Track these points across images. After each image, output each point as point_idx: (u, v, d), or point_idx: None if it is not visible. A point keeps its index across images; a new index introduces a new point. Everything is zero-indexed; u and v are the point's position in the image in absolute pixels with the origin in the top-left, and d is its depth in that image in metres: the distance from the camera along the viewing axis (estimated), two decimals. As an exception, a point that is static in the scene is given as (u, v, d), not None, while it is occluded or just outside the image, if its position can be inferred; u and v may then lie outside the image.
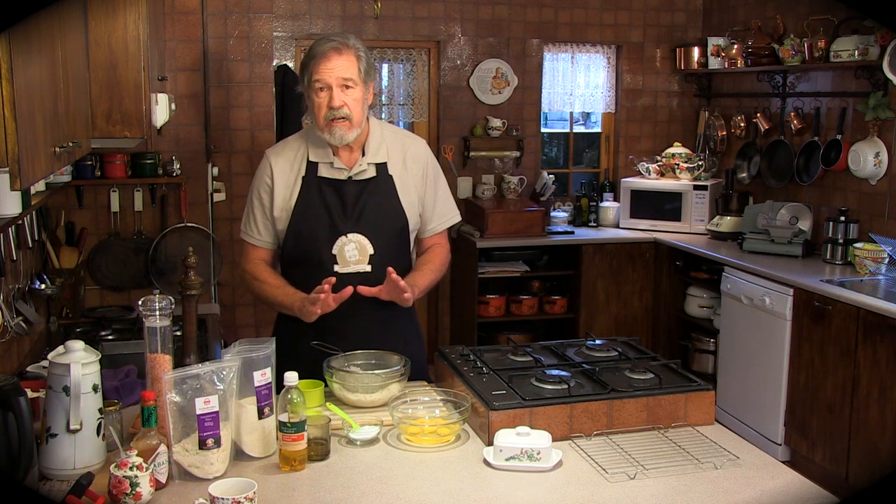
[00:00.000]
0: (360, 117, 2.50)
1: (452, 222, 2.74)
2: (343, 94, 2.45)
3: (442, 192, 2.70)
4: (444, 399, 2.37)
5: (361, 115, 2.50)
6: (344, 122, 2.46)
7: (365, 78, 2.49)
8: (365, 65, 2.49)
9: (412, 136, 2.75)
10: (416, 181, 2.63)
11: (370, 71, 2.51)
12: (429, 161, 2.67)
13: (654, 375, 2.36)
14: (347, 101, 2.46)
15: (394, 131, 2.70)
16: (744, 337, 4.64)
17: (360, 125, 2.51)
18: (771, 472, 2.05)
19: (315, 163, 2.56)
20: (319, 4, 5.25)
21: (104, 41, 2.68)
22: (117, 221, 3.97)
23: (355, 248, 2.53)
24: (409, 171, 2.62)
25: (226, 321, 4.64)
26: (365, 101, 2.51)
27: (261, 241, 2.64)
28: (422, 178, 2.64)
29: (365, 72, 2.49)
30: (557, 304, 5.52)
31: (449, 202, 2.73)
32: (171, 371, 2.05)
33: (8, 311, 2.70)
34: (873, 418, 3.80)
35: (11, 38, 1.63)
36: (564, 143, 6.33)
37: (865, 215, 4.61)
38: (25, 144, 1.74)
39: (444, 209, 2.71)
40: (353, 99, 2.46)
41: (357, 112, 2.48)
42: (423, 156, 2.66)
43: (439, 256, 2.71)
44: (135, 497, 1.78)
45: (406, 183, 2.60)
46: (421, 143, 2.70)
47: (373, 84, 2.56)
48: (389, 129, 2.69)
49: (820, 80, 4.96)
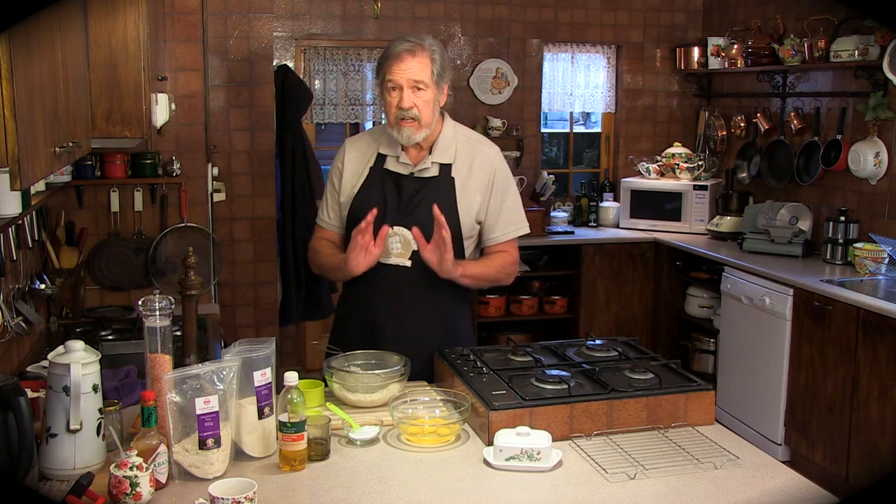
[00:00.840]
0: (430, 119, 2.55)
1: (517, 234, 2.68)
2: (413, 95, 2.51)
3: (510, 201, 2.66)
4: (444, 399, 2.37)
5: (431, 116, 2.55)
6: (413, 122, 2.52)
7: (437, 80, 2.55)
8: (439, 67, 2.55)
9: (486, 141, 2.72)
10: (481, 187, 2.62)
11: (444, 73, 2.58)
12: (498, 168, 2.64)
13: (654, 375, 2.36)
14: (417, 102, 2.51)
15: (468, 135, 2.71)
16: (744, 337, 4.64)
17: (428, 126, 2.56)
18: (771, 472, 2.05)
19: (384, 155, 2.63)
20: (319, 4, 5.24)
21: (104, 41, 2.68)
22: (117, 221, 3.96)
23: (398, 242, 2.57)
24: (474, 176, 2.61)
25: (226, 321, 4.64)
26: (436, 103, 2.57)
27: (327, 224, 2.73)
28: (487, 185, 2.62)
29: (438, 74, 2.55)
30: (557, 304, 5.52)
31: (516, 213, 2.67)
32: (171, 371, 2.05)
33: (8, 311, 2.70)
34: (873, 418, 3.80)
35: (11, 38, 1.63)
36: (564, 143, 6.33)
37: (865, 215, 4.61)
38: (25, 144, 1.74)
39: (508, 219, 2.66)
40: (423, 101, 2.52)
41: (426, 114, 2.54)
42: (491, 162, 2.63)
43: (500, 259, 2.67)
44: (135, 497, 1.78)
45: (467, 187, 2.60)
46: (492, 150, 2.67)
47: (447, 86, 2.62)
48: (464, 132, 2.70)
49: (820, 80, 4.96)
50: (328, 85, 5.39)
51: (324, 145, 5.78)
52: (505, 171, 2.66)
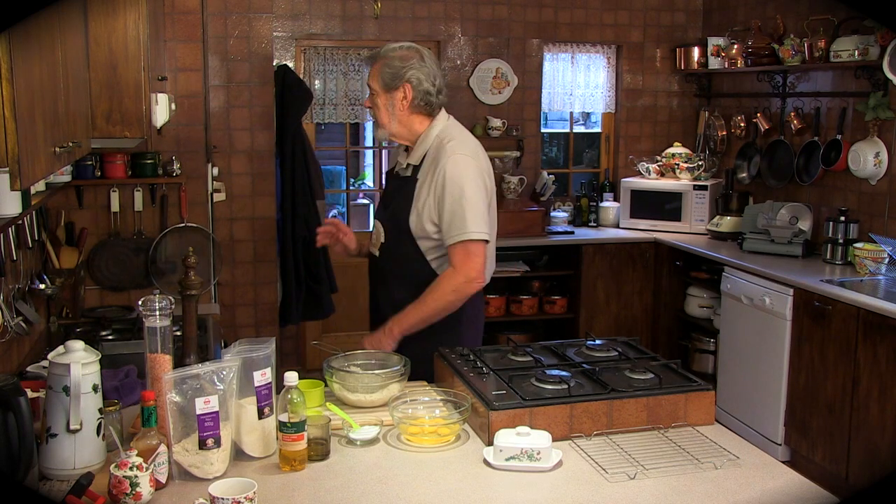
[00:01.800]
0: (385, 120, 2.73)
1: (457, 240, 2.62)
2: (371, 99, 2.77)
3: (449, 207, 2.62)
4: (444, 399, 2.37)
5: (385, 118, 2.73)
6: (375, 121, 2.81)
7: (386, 87, 2.70)
8: (388, 76, 2.68)
9: (457, 148, 2.68)
10: (432, 190, 2.66)
11: (394, 81, 2.68)
12: (444, 174, 2.63)
13: (654, 375, 2.36)
14: (372, 104, 2.76)
15: (451, 138, 2.72)
16: (744, 337, 4.64)
17: (386, 127, 2.75)
18: (771, 472, 2.05)
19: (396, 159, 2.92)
20: (319, 4, 5.25)
21: (104, 41, 2.68)
22: (117, 221, 3.97)
23: (375, 233, 2.85)
24: (432, 180, 2.67)
25: (226, 321, 4.64)
26: (389, 107, 2.72)
27: None
28: (437, 189, 2.65)
29: (385, 83, 2.69)
30: (557, 304, 5.52)
31: (459, 218, 2.61)
32: (171, 371, 2.06)
33: (8, 311, 2.70)
34: (873, 418, 3.80)
35: (11, 38, 1.63)
36: (564, 143, 6.33)
37: (865, 215, 4.61)
38: (25, 144, 1.74)
39: (449, 223, 2.63)
40: (374, 104, 2.75)
41: (381, 116, 2.74)
42: (442, 167, 2.64)
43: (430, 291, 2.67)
44: (135, 497, 1.78)
45: (423, 189, 2.69)
46: (452, 157, 2.65)
47: (400, 90, 2.69)
48: (446, 137, 2.72)
49: (820, 80, 4.96)
50: (328, 85, 5.39)
51: (324, 145, 5.79)
52: (451, 177, 2.62)
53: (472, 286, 2.67)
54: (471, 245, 2.62)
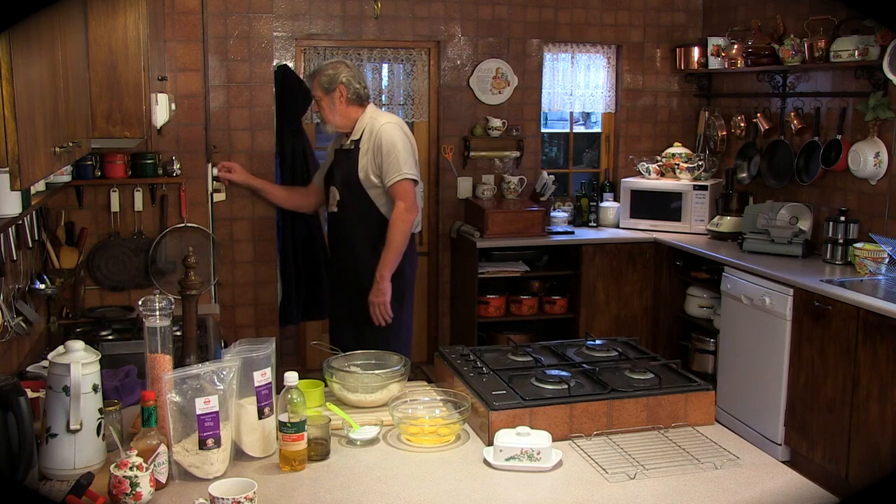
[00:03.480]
0: (329, 117, 3.88)
1: (392, 180, 3.71)
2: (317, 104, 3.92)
3: (386, 158, 3.71)
4: (444, 399, 2.37)
5: (330, 115, 3.87)
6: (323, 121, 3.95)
7: (325, 92, 3.84)
8: (326, 84, 3.83)
9: (382, 119, 3.82)
10: (370, 151, 3.76)
11: (332, 83, 3.83)
12: (379, 135, 3.74)
13: (654, 375, 2.37)
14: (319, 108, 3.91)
15: (377, 117, 3.84)
16: (744, 337, 4.64)
17: (331, 121, 3.89)
18: (771, 472, 2.05)
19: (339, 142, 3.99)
20: (319, 4, 5.24)
21: (104, 41, 2.68)
22: (117, 221, 3.96)
23: (332, 196, 3.95)
24: (368, 144, 3.77)
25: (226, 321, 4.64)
26: (330, 106, 3.86)
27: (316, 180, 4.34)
28: (373, 148, 3.75)
29: (324, 88, 3.84)
30: (557, 304, 5.52)
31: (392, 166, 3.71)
32: (171, 371, 2.06)
33: (8, 311, 2.70)
34: (873, 418, 3.80)
35: (11, 38, 1.63)
36: (564, 143, 6.33)
37: (865, 215, 4.61)
38: (25, 144, 1.74)
39: (386, 170, 3.73)
40: (320, 107, 3.89)
41: (325, 114, 3.89)
42: (375, 133, 3.76)
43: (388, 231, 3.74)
44: (135, 497, 1.78)
45: (364, 153, 3.78)
46: (384, 125, 3.77)
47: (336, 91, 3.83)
48: (377, 117, 3.84)
49: (820, 80, 4.96)
50: (328, 85, 5.38)
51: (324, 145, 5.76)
52: (385, 137, 3.72)
53: (411, 214, 3.74)
54: (404, 183, 3.72)
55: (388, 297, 3.75)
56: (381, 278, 3.72)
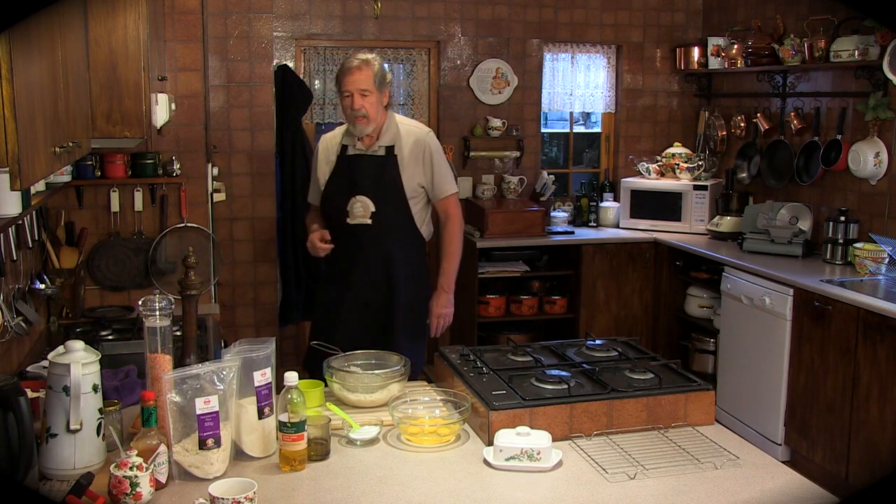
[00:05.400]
0: (375, 114, 3.37)
1: (447, 193, 3.51)
2: (361, 99, 3.33)
3: (438, 168, 3.47)
4: (444, 399, 2.37)
5: (376, 113, 3.37)
6: (363, 119, 3.36)
7: (378, 87, 3.37)
8: (379, 77, 3.37)
9: (420, 127, 3.56)
10: (417, 160, 3.44)
11: (384, 81, 3.40)
12: (428, 145, 3.46)
13: (654, 375, 2.37)
14: (365, 104, 3.34)
15: (406, 123, 3.53)
16: (744, 337, 4.64)
17: (375, 121, 3.38)
18: (771, 472, 2.05)
19: (346, 145, 3.48)
20: (319, 4, 5.24)
21: (104, 41, 2.68)
22: (117, 221, 3.96)
23: (361, 207, 3.40)
24: (412, 153, 3.43)
25: (226, 321, 4.64)
26: (380, 103, 3.39)
27: (313, 199, 3.64)
28: (421, 158, 3.44)
29: (378, 83, 3.37)
30: (557, 304, 5.52)
31: (446, 178, 3.51)
32: (171, 371, 2.06)
33: (8, 311, 2.70)
34: (873, 418, 3.80)
35: (11, 38, 1.63)
36: (564, 143, 6.33)
37: (865, 215, 4.61)
38: (25, 144, 1.74)
39: (440, 182, 3.50)
40: (369, 102, 3.34)
41: (372, 112, 3.35)
42: (422, 142, 3.46)
43: (447, 238, 3.56)
44: (135, 497, 1.78)
45: (406, 162, 3.43)
46: (424, 132, 3.50)
47: (388, 89, 3.46)
48: (405, 122, 3.53)
49: (820, 80, 4.96)
50: (328, 85, 5.38)
51: (324, 145, 5.78)
52: (434, 146, 3.47)
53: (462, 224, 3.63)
54: (455, 196, 3.58)
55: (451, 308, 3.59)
56: (449, 289, 3.54)
